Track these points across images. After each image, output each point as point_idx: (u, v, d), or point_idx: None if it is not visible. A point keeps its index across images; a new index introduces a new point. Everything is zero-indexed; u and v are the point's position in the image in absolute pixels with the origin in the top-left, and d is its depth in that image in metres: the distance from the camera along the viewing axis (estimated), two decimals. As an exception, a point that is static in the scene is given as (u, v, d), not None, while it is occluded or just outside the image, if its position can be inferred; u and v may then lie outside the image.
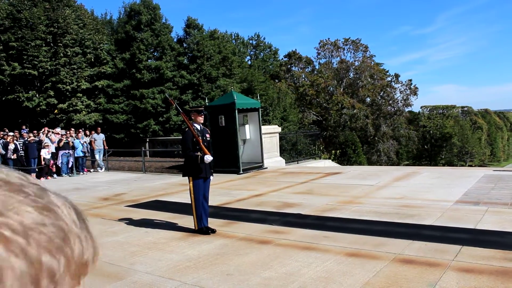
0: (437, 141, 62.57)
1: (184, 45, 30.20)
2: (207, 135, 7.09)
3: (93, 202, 10.53)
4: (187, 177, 7.06)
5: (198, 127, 6.93)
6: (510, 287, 4.25)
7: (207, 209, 7.05)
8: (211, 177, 7.19)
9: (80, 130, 19.75)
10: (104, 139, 19.61)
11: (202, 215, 6.84)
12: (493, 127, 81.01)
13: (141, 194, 11.61)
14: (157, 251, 6.04)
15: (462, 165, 57.56)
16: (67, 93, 25.05)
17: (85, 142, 18.72)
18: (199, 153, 6.75)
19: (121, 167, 20.04)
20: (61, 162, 17.39)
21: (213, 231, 6.83)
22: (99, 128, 20.38)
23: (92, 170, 19.12)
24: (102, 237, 6.92)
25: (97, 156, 18.98)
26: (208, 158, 6.75)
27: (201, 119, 7.01)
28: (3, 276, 0.42)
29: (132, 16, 28.02)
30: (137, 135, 26.66)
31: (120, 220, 8.24)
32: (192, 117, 6.97)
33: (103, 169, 19.13)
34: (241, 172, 14.87)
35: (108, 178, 15.94)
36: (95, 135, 19.25)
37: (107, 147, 19.67)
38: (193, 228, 6.96)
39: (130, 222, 8.01)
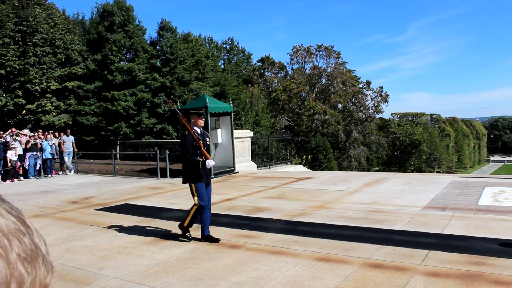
0: (407, 147, 63.72)
1: (157, 47, 29.97)
2: (207, 139, 6.79)
3: (61, 206, 10.33)
4: (187, 184, 6.60)
5: (198, 130, 6.65)
6: (474, 291, 4.37)
7: (210, 217, 6.62)
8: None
9: (49, 131, 19.37)
10: (73, 141, 19.28)
11: (209, 222, 6.51)
12: (460, 134, 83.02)
13: (111, 197, 11.45)
14: (126, 255, 5.98)
15: (431, 172, 58.75)
16: (36, 93, 24.53)
17: (54, 144, 18.36)
18: (200, 158, 6.44)
19: (91, 170, 19.72)
20: (28, 164, 17.02)
21: (217, 240, 6.44)
22: (69, 130, 20.03)
23: (60, 172, 18.76)
24: (70, 241, 6.81)
25: (66, 159, 18.64)
26: (210, 163, 6.47)
27: (201, 122, 6.69)
28: None
29: (105, 17, 27.65)
30: (107, 137, 26.29)
31: (89, 224, 8.12)
32: (192, 120, 6.67)
33: (72, 171, 18.80)
34: (213, 176, 14.82)
35: (77, 181, 15.67)
36: (64, 137, 18.90)
37: (76, 149, 19.35)
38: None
39: (99, 226, 7.90)
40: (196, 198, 6.41)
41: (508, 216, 7.56)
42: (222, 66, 46.08)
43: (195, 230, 7.24)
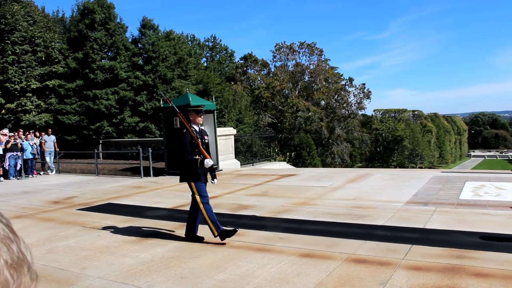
0: (389, 143, 64.32)
1: (139, 45, 29.74)
2: (206, 137, 6.56)
3: (43, 206, 10.21)
4: (186, 183, 6.39)
5: (197, 128, 6.42)
6: (456, 282, 4.43)
7: (199, 216, 6.37)
8: (215, 181, 6.54)
9: (30, 131, 19.10)
10: (55, 140, 19.05)
11: (215, 218, 6.21)
12: (441, 130, 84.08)
13: (93, 197, 11.35)
14: (109, 255, 5.93)
15: (413, 167, 59.38)
16: (16, 92, 24.19)
17: (34, 143, 18.12)
18: (198, 157, 6.23)
19: (73, 169, 19.51)
20: (9, 165, 16.76)
21: (202, 238, 6.35)
22: (50, 129, 19.79)
23: (42, 172, 18.52)
24: (52, 242, 6.73)
25: (47, 158, 18.41)
26: (209, 162, 6.24)
27: (200, 119, 6.47)
28: None
29: (86, 15, 27.33)
30: (89, 136, 26.02)
31: (71, 224, 8.04)
32: (191, 118, 6.43)
33: (54, 171, 18.57)
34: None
35: (59, 181, 15.49)
36: (45, 137, 18.66)
37: (58, 149, 19.12)
38: (212, 237, 6.27)
39: (82, 226, 7.82)
40: (198, 197, 6.22)
41: (488, 210, 7.68)
42: (205, 64, 45.94)
43: (180, 228, 7.21)
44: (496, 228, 6.42)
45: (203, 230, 6.44)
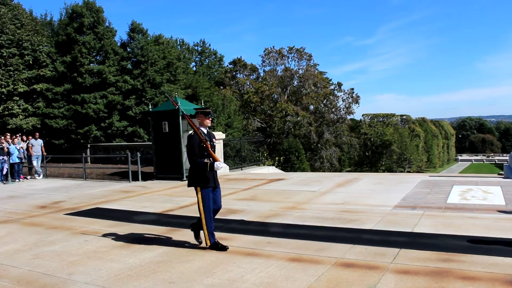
0: (378, 148, 64.74)
1: (128, 49, 29.65)
2: (214, 140, 6.35)
3: (30, 211, 10.10)
4: (193, 188, 6.16)
5: (205, 131, 6.16)
6: (444, 286, 4.46)
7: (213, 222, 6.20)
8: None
9: (17, 135, 18.91)
10: (42, 144, 18.87)
11: (213, 229, 6.13)
12: (429, 135, 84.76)
13: (81, 201, 11.26)
14: (97, 260, 5.88)
15: (401, 171, 59.81)
16: (3, 96, 23.97)
17: (21, 147, 17.93)
18: (208, 160, 6.03)
19: (61, 174, 19.35)
20: (-5, 169, 16.58)
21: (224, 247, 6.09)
22: (37, 133, 19.59)
23: (29, 177, 18.33)
24: (39, 247, 6.66)
25: (34, 163, 18.23)
26: (219, 165, 6.06)
27: (208, 122, 6.20)
28: None
29: (74, 18, 27.20)
30: (77, 140, 25.85)
31: (59, 229, 7.96)
32: (199, 120, 6.18)
33: (41, 176, 18.40)
34: (185, 178, 14.74)
35: (46, 186, 15.34)
36: (32, 141, 18.49)
37: (45, 153, 18.95)
38: (204, 244, 6.21)
39: (69, 230, 7.75)
40: (201, 205, 6.06)
41: (475, 214, 7.75)
42: (194, 68, 45.92)
43: (169, 233, 7.18)
44: (483, 232, 6.48)
45: (191, 234, 6.41)
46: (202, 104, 16.95)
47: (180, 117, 14.59)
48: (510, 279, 4.57)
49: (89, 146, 26.12)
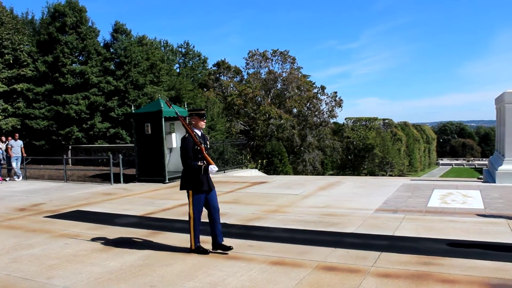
0: (360, 151, 65.17)
1: (111, 50, 29.42)
2: (208, 142, 6.25)
3: (8, 213, 9.94)
4: (185, 191, 6.09)
5: (199, 133, 6.06)
6: (423, 290, 4.52)
7: (219, 224, 6.13)
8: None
9: (-4, 136, 18.59)
10: (22, 145, 18.58)
11: (199, 234, 6.07)
12: (411, 139, 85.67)
13: (61, 204, 11.12)
14: (77, 263, 5.81)
15: (383, 175, 60.33)
16: (-18, 96, 23.58)
17: (0, 148, 17.65)
18: (202, 163, 5.92)
19: (41, 175, 19.09)
20: (-27, 170, 16.29)
21: (229, 248, 6.04)
22: (17, 134, 19.27)
23: (8, 179, 18.04)
24: (17, 251, 6.56)
25: (14, 164, 17.94)
26: (214, 168, 5.93)
27: (203, 124, 6.10)
28: None
29: (56, 18, 26.88)
30: (59, 142, 25.53)
31: (38, 232, 7.85)
32: (193, 122, 6.06)
33: (21, 177, 18.12)
34: (167, 181, 14.67)
35: (26, 188, 15.12)
36: (12, 142, 18.20)
37: (25, 155, 18.67)
38: (189, 247, 6.14)
39: (49, 233, 7.65)
40: (191, 209, 6.01)
41: (455, 217, 7.85)
42: (178, 70, 45.75)
43: (151, 236, 7.13)
44: (462, 235, 6.57)
45: (173, 237, 6.38)
46: (185, 106, 16.89)
47: (163, 119, 14.51)
48: (488, 282, 4.64)
49: (70, 148, 25.81)
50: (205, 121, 6.13)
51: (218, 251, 6.04)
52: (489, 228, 6.99)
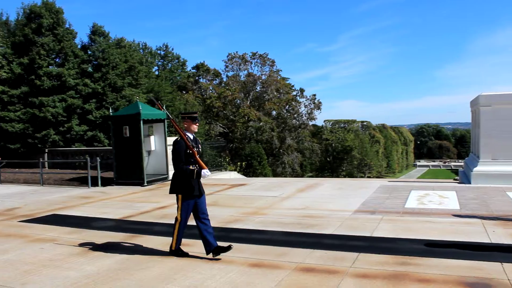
0: (339, 153, 65.65)
1: (89, 52, 29.06)
2: (200, 146, 6.16)
3: (-18, 217, 9.73)
4: (167, 194, 5.99)
5: (191, 136, 5.94)
6: (400, 290, 4.57)
7: (210, 227, 6.03)
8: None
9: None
10: (-4, 149, 18.24)
11: (182, 237, 6.01)
12: (389, 141, 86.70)
13: (37, 208, 10.93)
14: (53, 268, 5.72)
15: (362, 177, 60.86)
16: (-46, 98, 23.04)
17: (-26, 152, 17.29)
18: (194, 167, 5.80)
19: (16, 179, 18.74)
20: None
21: (229, 248, 5.91)
22: (-9, 137, 18.93)
23: (-18, 182, 17.68)
24: (-9, 255, 6.42)
25: (-12, 168, 17.59)
26: (207, 173, 5.82)
27: (195, 127, 5.99)
28: None
29: (32, 19, 26.44)
30: (35, 145, 25.09)
31: (12, 236, 7.70)
32: (185, 125, 5.96)
33: (-5, 181, 17.77)
34: (146, 184, 14.56)
35: (0, 192, 14.83)
36: (-14, 145, 17.85)
37: (0, 158, 18.31)
38: (168, 249, 6.14)
39: (24, 238, 7.51)
40: (179, 213, 5.91)
41: (432, 218, 7.96)
42: (156, 73, 45.43)
43: (128, 239, 7.06)
44: (439, 235, 6.66)
45: (152, 241, 6.33)
46: (164, 108, 16.76)
47: (141, 122, 14.40)
48: (464, 281, 4.72)
49: (46, 151, 25.39)
50: (197, 124, 6.04)
51: (221, 254, 5.91)
52: (465, 228, 7.11)
